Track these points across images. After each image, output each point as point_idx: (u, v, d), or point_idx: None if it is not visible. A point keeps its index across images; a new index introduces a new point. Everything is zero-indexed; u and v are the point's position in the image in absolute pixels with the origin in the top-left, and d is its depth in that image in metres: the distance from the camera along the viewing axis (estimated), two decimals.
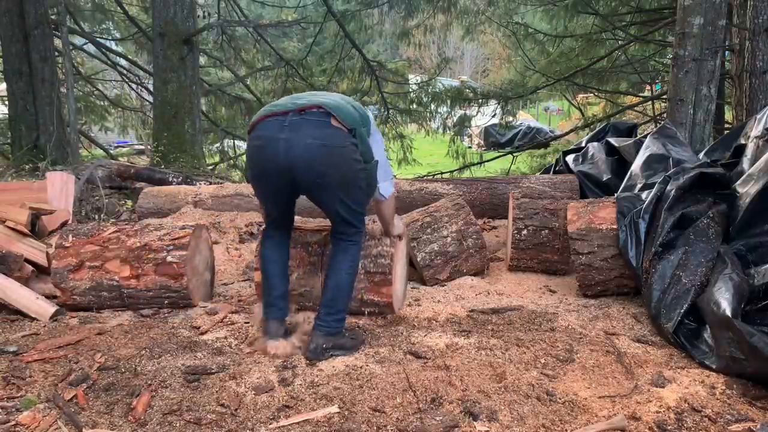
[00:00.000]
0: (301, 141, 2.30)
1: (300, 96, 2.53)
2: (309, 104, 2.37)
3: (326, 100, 2.43)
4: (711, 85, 4.89)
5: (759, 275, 2.51)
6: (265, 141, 2.37)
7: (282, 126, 2.33)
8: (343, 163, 2.36)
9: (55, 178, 4.44)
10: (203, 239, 3.35)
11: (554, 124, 21.13)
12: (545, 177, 5.17)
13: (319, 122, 2.34)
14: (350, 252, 2.56)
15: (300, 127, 2.32)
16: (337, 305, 2.50)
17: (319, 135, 2.31)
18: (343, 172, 2.37)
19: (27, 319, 3.04)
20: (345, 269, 2.53)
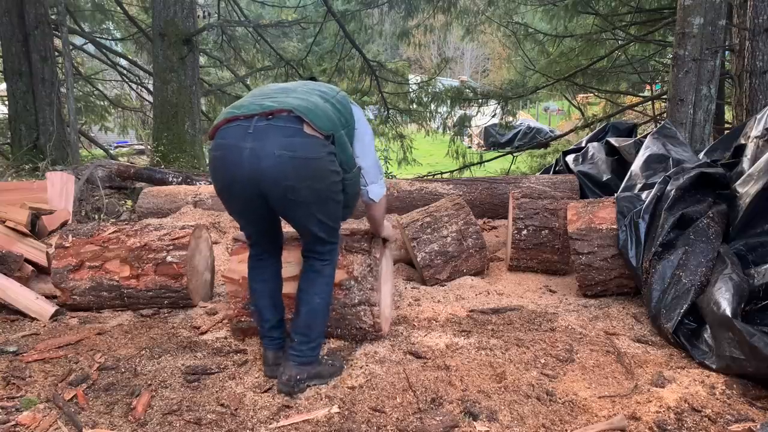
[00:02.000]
0: (268, 152, 1.94)
1: (269, 94, 2.14)
2: (278, 108, 2.00)
3: (298, 101, 2.05)
4: (711, 85, 4.90)
5: (759, 275, 2.51)
6: (226, 150, 2.01)
7: (246, 133, 1.97)
8: (318, 177, 2.02)
9: (55, 178, 4.44)
10: (203, 239, 3.35)
11: (554, 124, 21.14)
12: (545, 177, 5.17)
13: (290, 129, 1.97)
14: (324, 274, 2.25)
15: (267, 135, 1.96)
16: (311, 332, 2.21)
17: (289, 145, 1.95)
18: (318, 186, 2.03)
19: (27, 319, 3.04)
20: (318, 293, 2.23)
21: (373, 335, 2.61)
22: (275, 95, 2.12)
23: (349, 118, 2.21)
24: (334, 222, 2.22)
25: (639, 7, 8.23)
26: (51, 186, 4.37)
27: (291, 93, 2.14)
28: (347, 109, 2.23)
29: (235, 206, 2.19)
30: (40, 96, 7.79)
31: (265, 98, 2.10)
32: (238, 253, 2.68)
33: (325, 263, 2.26)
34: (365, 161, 2.28)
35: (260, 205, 2.08)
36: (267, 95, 2.13)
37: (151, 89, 9.80)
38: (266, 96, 2.12)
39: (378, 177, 2.37)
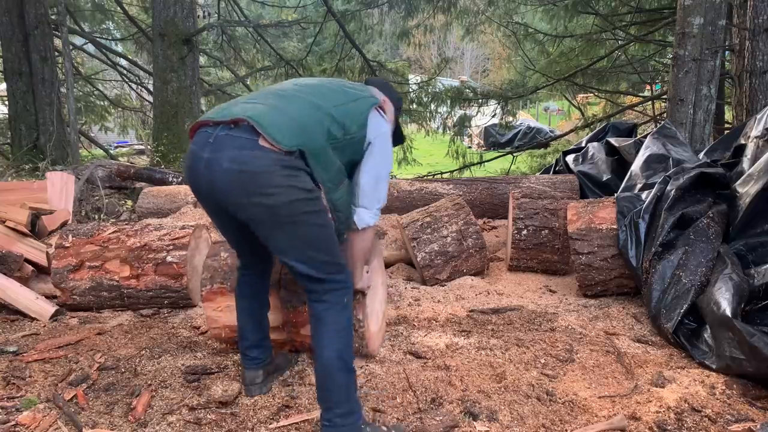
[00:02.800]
0: (219, 164, 1.74)
1: (258, 97, 1.94)
2: (239, 116, 1.79)
3: (266, 110, 1.83)
4: (711, 85, 4.89)
5: (759, 275, 2.51)
6: (190, 158, 1.84)
7: (207, 142, 1.79)
8: (269, 194, 1.73)
9: (55, 178, 4.44)
10: (203, 239, 3.34)
11: (554, 124, 21.13)
12: (545, 177, 5.17)
13: (243, 141, 1.75)
14: (326, 321, 1.84)
15: (223, 145, 1.76)
16: (332, 396, 1.81)
17: (239, 157, 1.73)
18: (270, 203, 1.74)
19: (27, 319, 3.04)
20: (326, 345, 1.82)
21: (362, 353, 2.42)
22: (260, 99, 1.92)
23: (354, 129, 1.93)
24: (320, 251, 1.84)
25: (639, 7, 8.23)
26: (51, 186, 4.37)
27: (279, 98, 1.92)
28: (356, 120, 1.95)
29: (211, 218, 2.01)
30: (40, 96, 7.79)
31: (247, 102, 1.91)
32: (211, 300, 2.48)
33: (324, 306, 1.85)
34: (363, 178, 1.99)
35: (228, 218, 1.88)
36: (253, 97, 1.95)
37: (151, 89, 9.79)
38: (251, 99, 1.93)
39: (373, 203, 2.02)
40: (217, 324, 2.46)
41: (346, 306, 1.89)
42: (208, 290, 2.45)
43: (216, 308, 2.45)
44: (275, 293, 2.35)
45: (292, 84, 2.06)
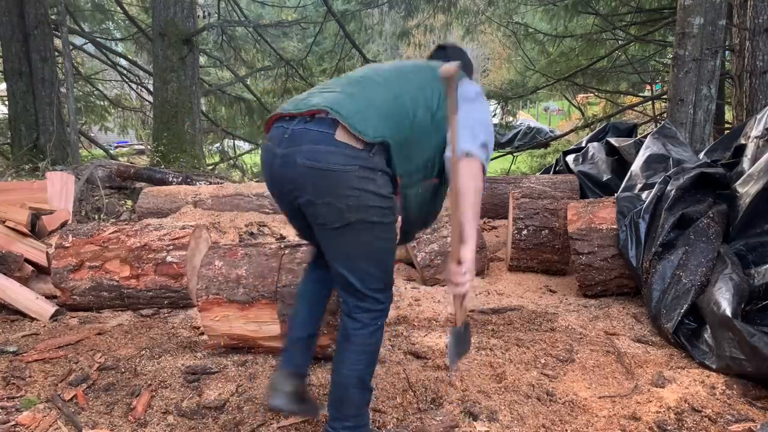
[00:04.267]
0: (293, 161, 1.63)
1: (335, 83, 1.79)
2: (320, 107, 1.64)
3: (344, 98, 1.67)
4: (711, 85, 4.89)
5: (759, 275, 2.51)
6: (265, 153, 1.75)
7: (282, 138, 1.67)
8: (342, 195, 1.60)
9: (55, 178, 4.44)
10: (203, 239, 3.34)
11: (554, 124, 21.12)
12: (545, 177, 5.17)
13: (319, 135, 1.62)
14: (354, 341, 1.73)
15: (299, 140, 1.64)
16: (342, 409, 1.75)
17: (313, 154, 1.61)
18: (341, 206, 1.61)
19: (27, 319, 3.04)
20: (347, 363, 1.73)
21: None
22: (338, 86, 1.75)
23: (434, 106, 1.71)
24: (374, 265, 1.70)
25: (639, 7, 8.23)
26: (51, 186, 4.37)
27: (358, 85, 1.75)
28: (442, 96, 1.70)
29: (283, 211, 1.87)
30: (40, 96, 7.79)
31: (324, 90, 1.75)
32: (208, 310, 2.42)
33: (355, 325, 1.72)
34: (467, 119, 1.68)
35: (303, 215, 1.73)
36: (332, 86, 1.77)
37: (151, 89, 9.79)
38: (329, 88, 1.77)
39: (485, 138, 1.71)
40: (216, 333, 2.46)
41: (379, 329, 1.75)
42: (204, 300, 2.43)
43: (213, 318, 2.43)
44: (273, 305, 2.35)
45: (371, 69, 1.88)
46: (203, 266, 2.48)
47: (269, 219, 4.67)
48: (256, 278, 2.38)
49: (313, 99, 1.70)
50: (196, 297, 2.46)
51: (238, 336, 2.44)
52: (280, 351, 2.42)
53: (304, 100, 1.72)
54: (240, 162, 10.80)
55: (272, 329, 2.37)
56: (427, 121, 1.71)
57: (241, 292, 2.39)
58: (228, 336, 2.45)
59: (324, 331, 2.30)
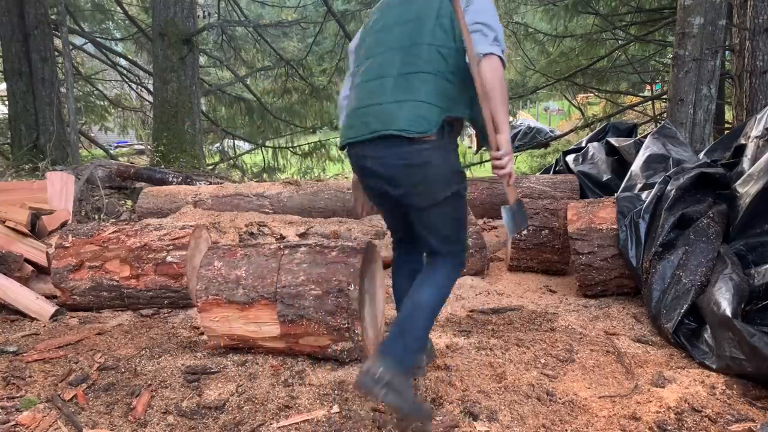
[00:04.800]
0: (385, 164, 1.95)
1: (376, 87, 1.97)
2: (380, 133, 1.89)
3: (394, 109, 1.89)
4: (711, 85, 4.90)
5: (759, 275, 2.51)
6: (356, 170, 2.07)
7: (362, 156, 1.98)
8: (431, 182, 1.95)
9: (55, 178, 4.44)
10: (203, 239, 3.34)
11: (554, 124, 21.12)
12: (545, 177, 5.17)
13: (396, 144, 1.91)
14: (438, 282, 2.03)
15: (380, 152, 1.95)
16: (407, 325, 1.92)
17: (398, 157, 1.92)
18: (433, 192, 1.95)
19: (27, 319, 3.04)
20: (426, 296, 1.98)
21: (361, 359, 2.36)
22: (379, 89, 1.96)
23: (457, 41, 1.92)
24: (455, 231, 2.03)
25: (639, 7, 8.24)
26: (51, 186, 4.37)
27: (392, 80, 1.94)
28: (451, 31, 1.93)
29: (374, 202, 2.19)
30: (40, 96, 7.79)
31: (374, 101, 1.95)
32: (207, 310, 2.42)
33: (440, 273, 2.04)
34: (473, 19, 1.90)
35: (395, 205, 2.05)
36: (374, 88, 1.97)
37: (151, 89, 9.80)
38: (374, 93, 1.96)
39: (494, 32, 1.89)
40: (216, 333, 2.46)
41: (455, 278, 2.08)
42: (204, 301, 2.43)
43: (213, 318, 2.43)
44: (272, 306, 2.35)
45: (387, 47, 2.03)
46: (203, 266, 2.48)
47: (269, 219, 4.67)
48: (256, 279, 2.38)
49: (368, 119, 1.94)
50: (196, 297, 2.46)
51: (237, 336, 2.44)
52: (280, 351, 2.43)
53: (361, 120, 1.97)
54: (240, 162, 10.81)
55: (272, 330, 2.37)
56: (453, 64, 1.93)
57: (240, 292, 2.39)
58: (228, 336, 2.45)
59: (324, 332, 2.31)
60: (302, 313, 2.31)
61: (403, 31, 2.01)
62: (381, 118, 1.93)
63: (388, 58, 2.00)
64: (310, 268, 2.35)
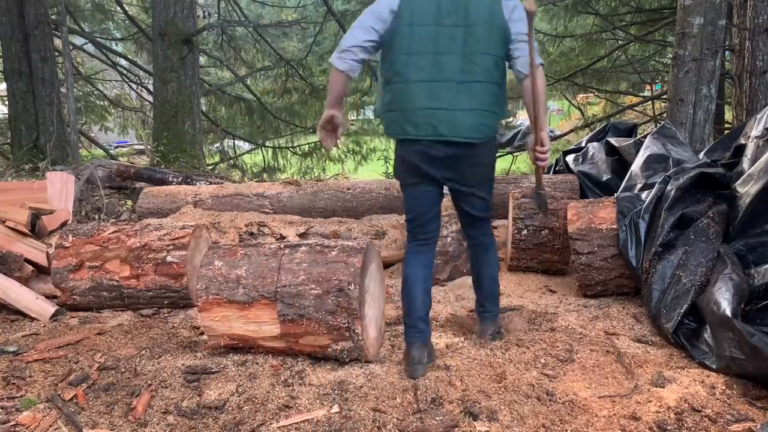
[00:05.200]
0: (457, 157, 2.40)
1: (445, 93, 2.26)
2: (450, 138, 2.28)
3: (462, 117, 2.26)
4: (711, 85, 4.89)
5: (759, 275, 2.51)
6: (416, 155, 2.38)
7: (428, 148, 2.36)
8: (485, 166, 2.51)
9: (55, 178, 4.44)
10: (203, 239, 3.35)
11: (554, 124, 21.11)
12: (545, 177, 5.16)
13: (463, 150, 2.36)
14: (492, 249, 2.68)
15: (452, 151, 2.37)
16: (495, 294, 2.69)
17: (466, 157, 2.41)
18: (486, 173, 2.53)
19: (27, 319, 3.04)
20: (492, 265, 2.66)
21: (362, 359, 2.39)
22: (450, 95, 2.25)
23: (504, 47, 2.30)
24: (491, 197, 2.58)
25: (639, 7, 8.23)
26: (51, 186, 4.37)
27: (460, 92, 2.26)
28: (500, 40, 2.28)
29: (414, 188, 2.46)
30: (40, 96, 7.79)
31: (442, 106, 2.25)
32: (208, 310, 2.42)
33: (490, 239, 2.64)
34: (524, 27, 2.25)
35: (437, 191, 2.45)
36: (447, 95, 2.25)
37: (151, 89, 9.80)
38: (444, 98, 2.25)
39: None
40: (216, 333, 2.45)
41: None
42: (204, 300, 2.43)
43: (213, 318, 2.43)
44: (273, 305, 2.35)
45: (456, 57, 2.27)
46: (203, 266, 2.48)
47: (269, 219, 4.67)
48: (256, 278, 2.38)
49: (439, 127, 2.25)
50: (196, 297, 2.46)
51: (238, 336, 2.44)
52: (280, 351, 2.43)
53: (431, 125, 2.26)
54: (240, 162, 10.81)
55: (272, 329, 2.37)
56: (504, 68, 2.34)
57: (240, 292, 2.39)
58: (228, 336, 2.45)
59: (324, 331, 2.31)
60: (302, 313, 2.31)
61: (460, 34, 2.24)
62: (449, 124, 2.24)
63: (450, 62, 2.25)
64: (311, 268, 2.35)
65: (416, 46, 2.26)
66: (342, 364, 2.37)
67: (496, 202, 5.02)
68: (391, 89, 2.34)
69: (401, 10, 2.26)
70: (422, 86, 2.25)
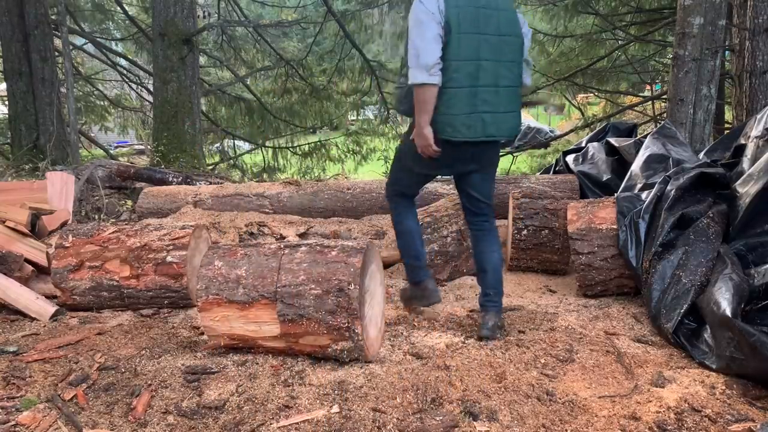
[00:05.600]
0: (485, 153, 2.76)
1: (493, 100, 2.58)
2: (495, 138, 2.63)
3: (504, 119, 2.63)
4: (711, 85, 4.89)
5: (759, 275, 2.51)
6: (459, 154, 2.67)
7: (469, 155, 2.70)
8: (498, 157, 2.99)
9: (55, 178, 4.44)
10: (203, 239, 3.35)
11: (554, 124, 21.13)
12: (545, 177, 5.17)
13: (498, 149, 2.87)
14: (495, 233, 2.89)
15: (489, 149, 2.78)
16: (500, 285, 2.80)
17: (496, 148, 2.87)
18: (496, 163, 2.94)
19: (27, 319, 3.04)
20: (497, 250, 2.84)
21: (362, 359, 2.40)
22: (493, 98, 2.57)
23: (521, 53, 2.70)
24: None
25: (639, 7, 8.23)
26: (51, 186, 4.37)
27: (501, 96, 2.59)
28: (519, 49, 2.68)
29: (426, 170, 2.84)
30: (40, 96, 7.79)
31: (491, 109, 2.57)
32: (208, 310, 2.41)
33: (492, 224, 2.84)
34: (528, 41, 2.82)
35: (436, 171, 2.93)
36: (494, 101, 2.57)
37: (151, 89, 9.80)
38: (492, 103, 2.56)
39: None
40: (216, 333, 2.45)
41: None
42: (204, 300, 2.42)
43: (213, 318, 2.42)
44: (273, 305, 2.35)
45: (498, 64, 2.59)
46: (203, 266, 2.48)
47: (269, 219, 4.67)
48: (256, 278, 2.38)
49: (489, 128, 2.58)
50: (196, 297, 2.46)
51: (238, 336, 2.44)
52: (280, 351, 2.43)
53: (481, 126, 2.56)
54: (240, 162, 10.81)
55: (272, 329, 2.37)
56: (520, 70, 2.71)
57: (240, 292, 2.39)
58: (228, 336, 2.45)
59: (324, 331, 2.31)
60: (302, 313, 2.31)
61: (500, 44, 2.57)
62: (496, 125, 2.59)
63: (498, 71, 2.57)
64: (311, 268, 2.35)
65: (464, 53, 2.48)
66: (342, 364, 2.37)
67: (497, 202, 5.03)
68: (441, 93, 2.51)
69: (449, 18, 2.45)
70: (471, 91, 2.51)
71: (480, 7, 2.50)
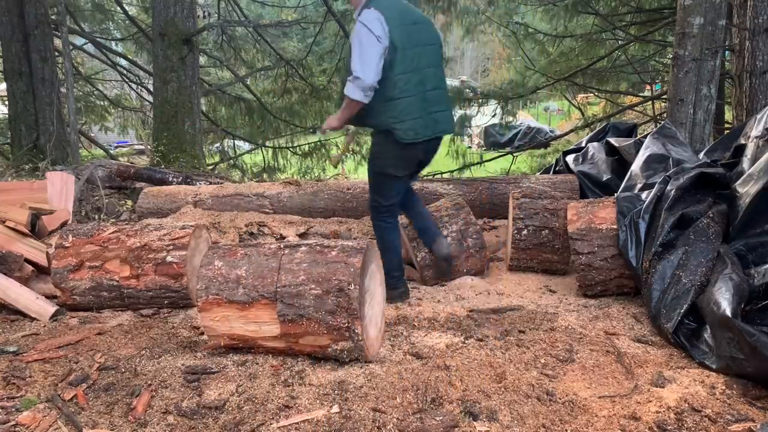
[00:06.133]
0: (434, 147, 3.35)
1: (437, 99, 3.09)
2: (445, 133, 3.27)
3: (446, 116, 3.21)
4: (711, 85, 4.89)
5: (759, 275, 2.51)
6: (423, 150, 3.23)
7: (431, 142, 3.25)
8: None
9: (55, 178, 4.44)
10: (203, 239, 3.35)
11: (554, 124, 21.13)
12: (545, 177, 5.17)
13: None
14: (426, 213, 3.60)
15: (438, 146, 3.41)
16: None
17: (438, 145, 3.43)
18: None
19: (27, 319, 3.04)
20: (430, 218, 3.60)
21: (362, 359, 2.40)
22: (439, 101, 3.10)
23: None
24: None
25: (639, 7, 8.23)
26: (51, 186, 4.37)
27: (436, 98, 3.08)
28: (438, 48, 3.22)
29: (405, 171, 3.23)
30: (40, 96, 7.79)
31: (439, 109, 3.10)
32: (208, 310, 2.42)
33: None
34: None
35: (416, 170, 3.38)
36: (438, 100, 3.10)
37: (151, 89, 9.79)
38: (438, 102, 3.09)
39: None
40: (216, 333, 2.45)
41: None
42: (204, 301, 2.42)
43: (213, 318, 2.42)
44: (273, 305, 2.35)
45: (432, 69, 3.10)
46: (203, 266, 2.48)
47: (269, 219, 4.67)
48: (256, 278, 2.38)
49: (440, 126, 3.15)
50: (196, 297, 2.46)
51: (238, 336, 2.44)
52: (280, 351, 2.43)
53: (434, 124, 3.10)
54: (240, 162, 10.81)
55: (272, 329, 2.37)
56: None
57: (240, 292, 2.39)
58: (228, 336, 2.45)
59: (324, 331, 2.31)
60: (302, 313, 2.31)
61: (431, 52, 3.06)
62: (444, 122, 3.13)
63: (437, 74, 3.09)
64: (311, 268, 2.35)
65: (410, 65, 2.93)
66: (342, 364, 2.38)
67: (497, 202, 5.04)
68: (398, 103, 2.94)
69: (393, 38, 2.90)
70: (422, 97, 2.98)
71: (412, 23, 2.96)
